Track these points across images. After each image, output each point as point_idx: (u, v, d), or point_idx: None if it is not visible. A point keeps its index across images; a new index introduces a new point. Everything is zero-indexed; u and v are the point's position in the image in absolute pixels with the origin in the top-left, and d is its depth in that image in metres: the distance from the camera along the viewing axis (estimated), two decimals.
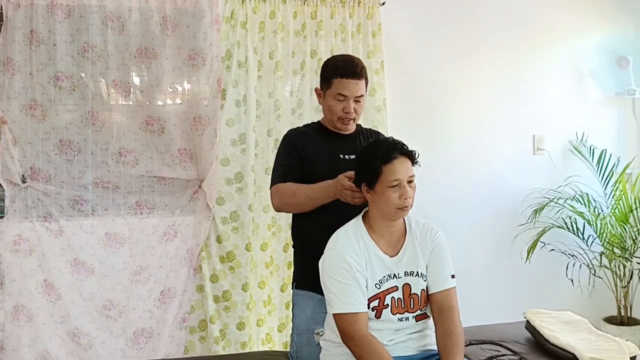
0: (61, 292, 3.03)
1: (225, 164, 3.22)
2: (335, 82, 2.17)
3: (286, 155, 2.24)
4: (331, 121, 2.24)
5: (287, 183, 2.16)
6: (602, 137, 3.92)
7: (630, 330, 3.60)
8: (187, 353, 3.21)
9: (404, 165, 1.90)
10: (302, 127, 2.37)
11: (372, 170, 1.90)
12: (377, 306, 1.91)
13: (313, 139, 2.25)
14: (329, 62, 2.27)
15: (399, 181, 1.88)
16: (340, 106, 2.18)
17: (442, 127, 3.67)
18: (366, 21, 3.41)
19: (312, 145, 2.22)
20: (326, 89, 2.21)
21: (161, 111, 3.16)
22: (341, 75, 2.16)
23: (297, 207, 2.20)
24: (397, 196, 1.87)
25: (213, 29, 3.14)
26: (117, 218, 3.15)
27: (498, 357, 2.31)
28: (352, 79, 2.16)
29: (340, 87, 2.16)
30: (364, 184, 1.93)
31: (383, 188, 1.88)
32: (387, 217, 1.93)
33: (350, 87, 2.16)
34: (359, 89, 2.18)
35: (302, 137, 2.26)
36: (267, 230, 3.31)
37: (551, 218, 3.71)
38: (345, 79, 2.15)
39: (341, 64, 2.19)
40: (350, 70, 2.16)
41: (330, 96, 2.19)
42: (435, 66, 3.64)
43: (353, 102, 2.17)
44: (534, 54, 3.83)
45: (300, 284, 2.25)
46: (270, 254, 3.33)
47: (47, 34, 2.99)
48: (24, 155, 3.03)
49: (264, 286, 3.32)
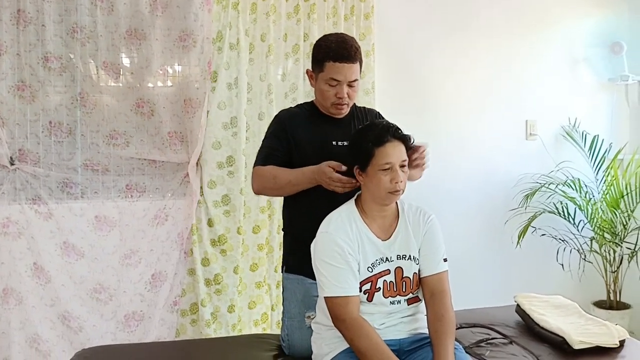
0: (51, 275, 3.02)
1: (217, 148, 3.20)
2: (328, 66, 2.06)
3: (273, 137, 2.17)
4: (324, 106, 2.17)
5: (267, 166, 2.11)
6: (595, 122, 3.91)
7: (619, 315, 3.63)
8: (178, 336, 3.21)
9: (396, 149, 1.88)
10: (295, 107, 2.30)
11: (364, 153, 1.88)
12: (369, 289, 1.91)
13: (305, 122, 2.18)
14: (321, 42, 2.14)
15: (391, 165, 1.86)
16: (333, 91, 2.09)
17: (433, 112, 3.65)
18: (359, 3, 3.38)
19: (303, 128, 2.16)
20: (318, 72, 2.11)
21: (151, 93, 3.12)
22: (334, 59, 2.05)
23: (278, 192, 2.17)
24: (388, 179, 1.86)
25: (204, 10, 3.09)
26: (107, 201, 3.12)
27: (488, 341, 2.32)
28: (346, 62, 2.05)
29: (333, 71, 2.06)
30: (356, 167, 1.92)
31: (375, 171, 1.87)
32: (379, 201, 1.92)
33: (344, 72, 2.05)
34: (352, 73, 2.07)
35: (293, 119, 2.18)
36: (261, 212, 3.30)
37: (542, 203, 3.72)
38: (339, 63, 2.04)
39: (334, 46, 2.07)
40: (344, 54, 2.05)
41: (323, 80, 2.09)
42: (427, 49, 3.62)
43: (347, 87, 2.08)
44: (528, 38, 3.81)
45: (290, 268, 2.23)
46: (265, 235, 3.32)
47: (35, 14, 2.94)
48: (12, 137, 2.99)
49: (255, 268, 3.31)
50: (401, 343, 1.94)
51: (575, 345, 2.20)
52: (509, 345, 2.30)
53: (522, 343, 2.31)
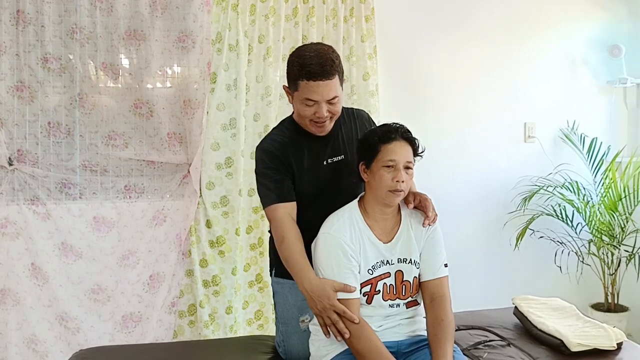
0: (49, 275, 3.01)
1: (216, 149, 3.20)
2: (302, 85, 1.86)
3: (272, 170, 1.98)
4: (304, 125, 1.98)
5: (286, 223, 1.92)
6: (593, 125, 3.92)
7: (617, 317, 3.63)
8: (175, 337, 3.20)
9: (402, 148, 1.89)
10: (276, 136, 2.06)
11: (370, 148, 1.89)
12: (368, 291, 1.91)
13: (294, 150, 2.00)
14: (293, 58, 1.91)
15: (395, 162, 1.86)
16: (310, 111, 1.90)
17: (434, 113, 3.66)
18: (359, 5, 3.38)
19: (294, 157, 1.99)
20: (293, 91, 1.92)
21: (150, 94, 3.12)
22: (307, 77, 1.83)
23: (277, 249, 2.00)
24: (390, 177, 1.86)
25: (203, 11, 3.09)
26: (105, 202, 3.12)
27: (486, 343, 2.32)
28: (321, 79, 1.83)
29: (308, 90, 1.85)
30: (362, 163, 1.93)
31: (378, 167, 1.88)
32: (380, 200, 1.92)
33: (320, 91, 1.85)
34: (330, 91, 1.86)
35: (282, 149, 1.99)
36: (253, 213, 3.29)
37: (541, 205, 3.73)
38: (313, 82, 1.83)
39: (307, 62, 1.84)
40: (318, 70, 1.83)
41: (298, 100, 1.90)
42: (427, 51, 3.62)
43: (326, 105, 1.89)
44: (527, 41, 3.82)
45: (281, 272, 2.09)
46: (259, 235, 3.31)
47: (34, 15, 2.94)
48: (11, 138, 2.99)
49: (248, 268, 3.30)
50: (399, 345, 1.94)
51: (573, 348, 2.20)
52: (506, 348, 2.30)
53: (520, 345, 2.31)
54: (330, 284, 1.82)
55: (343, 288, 1.83)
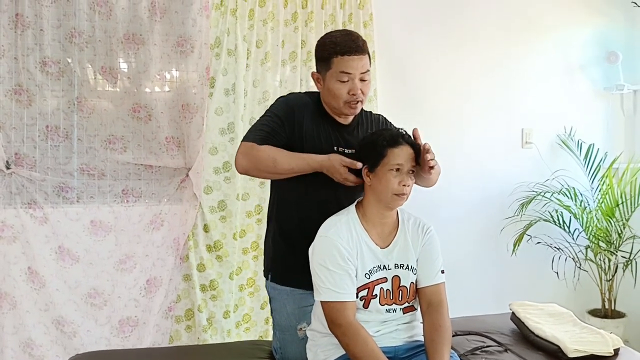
0: (45, 279, 3.00)
1: (214, 153, 3.20)
2: (336, 62, 1.93)
3: (276, 118, 2.00)
4: (335, 107, 2.01)
5: (265, 146, 1.93)
6: (590, 131, 3.93)
7: (614, 323, 3.63)
8: (172, 342, 3.20)
9: (408, 153, 1.91)
10: (305, 96, 2.13)
11: (376, 152, 1.89)
12: (365, 296, 1.91)
13: (312, 117, 2.03)
14: (325, 40, 2.00)
15: (401, 167, 1.88)
16: (345, 88, 1.95)
17: (432, 119, 3.65)
18: (357, 11, 3.39)
19: (311, 124, 2.02)
20: (326, 71, 1.97)
21: (149, 98, 3.12)
22: (342, 53, 1.92)
23: (271, 176, 2.03)
24: (396, 181, 1.88)
25: (202, 16, 3.10)
26: (102, 206, 3.12)
27: (483, 348, 2.32)
28: (355, 54, 1.93)
29: (342, 65, 1.92)
30: (365, 166, 1.93)
31: (384, 171, 1.88)
32: (383, 203, 1.92)
33: (354, 65, 1.93)
34: (364, 64, 1.95)
35: (304, 109, 2.03)
36: (247, 217, 3.28)
37: (538, 211, 3.73)
38: (347, 56, 1.92)
39: (339, 40, 1.94)
40: (352, 45, 1.93)
41: (332, 77, 1.95)
42: (425, 57, 3.63)
43: (359, 82, 1.95)
44: (524, 47, 3.83)
45: (278, 278, 2.11)
46: (254, 239, 3.30)
47: (33, 18, 2.94)
48: (9, 141, 2.99)
49: (239, 272, 3.28)
50: (397, 350, 1.93)
51: (570, 354, 2.20)
52: (504, 353, 2.30)
53: (517, 351, 2.31)
54: (338, 160, 1.91)
55: (349, 164, 1.90)
